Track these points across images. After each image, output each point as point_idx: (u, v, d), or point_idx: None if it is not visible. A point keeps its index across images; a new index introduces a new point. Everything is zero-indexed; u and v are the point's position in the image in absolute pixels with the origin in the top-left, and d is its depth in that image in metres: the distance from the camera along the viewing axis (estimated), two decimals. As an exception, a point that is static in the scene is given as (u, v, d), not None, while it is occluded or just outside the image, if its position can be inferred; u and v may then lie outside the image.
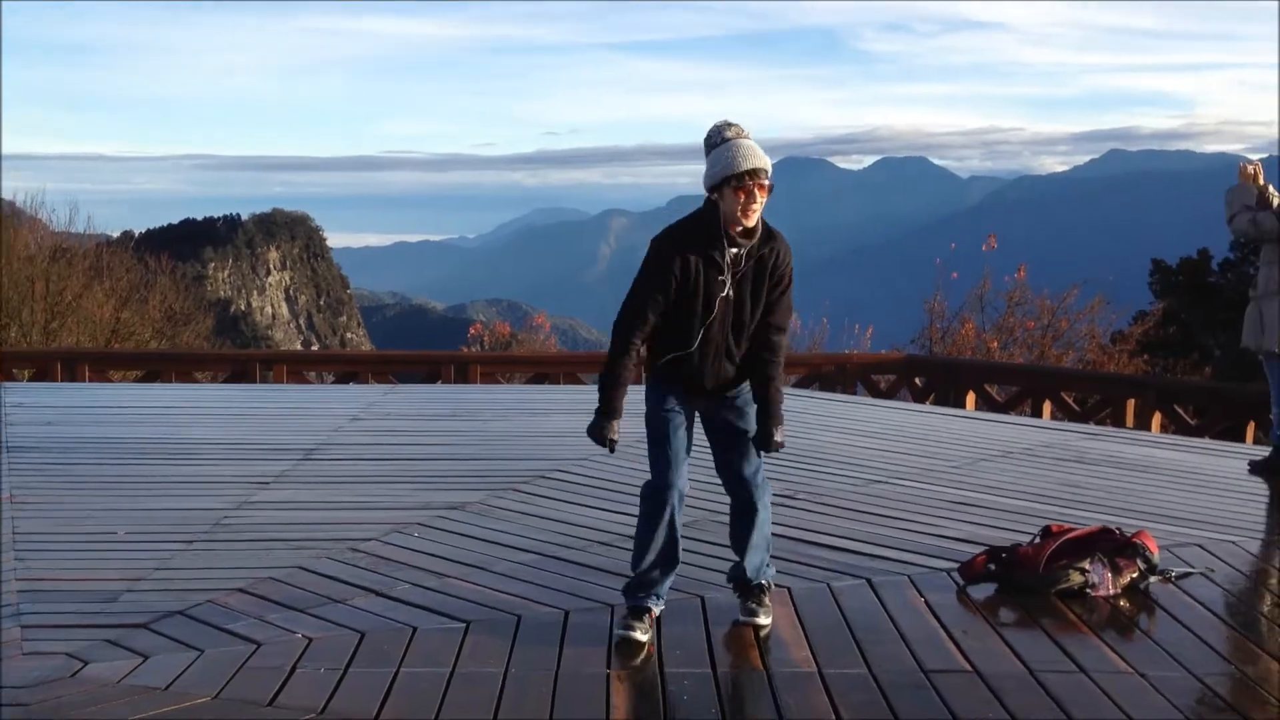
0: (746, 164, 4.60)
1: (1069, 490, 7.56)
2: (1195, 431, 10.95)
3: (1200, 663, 4.63)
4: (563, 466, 7.95)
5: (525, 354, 22.04)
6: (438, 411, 10.68)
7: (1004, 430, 9.83)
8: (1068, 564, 5.40)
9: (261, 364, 14.25)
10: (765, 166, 4.64)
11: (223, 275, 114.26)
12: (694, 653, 4.64)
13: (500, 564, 5.76)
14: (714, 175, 4.65)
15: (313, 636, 4.74)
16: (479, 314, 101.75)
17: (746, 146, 4.64)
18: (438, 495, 7.16)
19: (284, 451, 8.50)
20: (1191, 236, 31.79)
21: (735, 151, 4.63)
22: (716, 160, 4.66)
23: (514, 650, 4.63)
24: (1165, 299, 28.48)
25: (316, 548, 5.99)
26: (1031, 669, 4.52)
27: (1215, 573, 5.75)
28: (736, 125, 4.74)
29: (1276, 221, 7.78)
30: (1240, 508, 7.24)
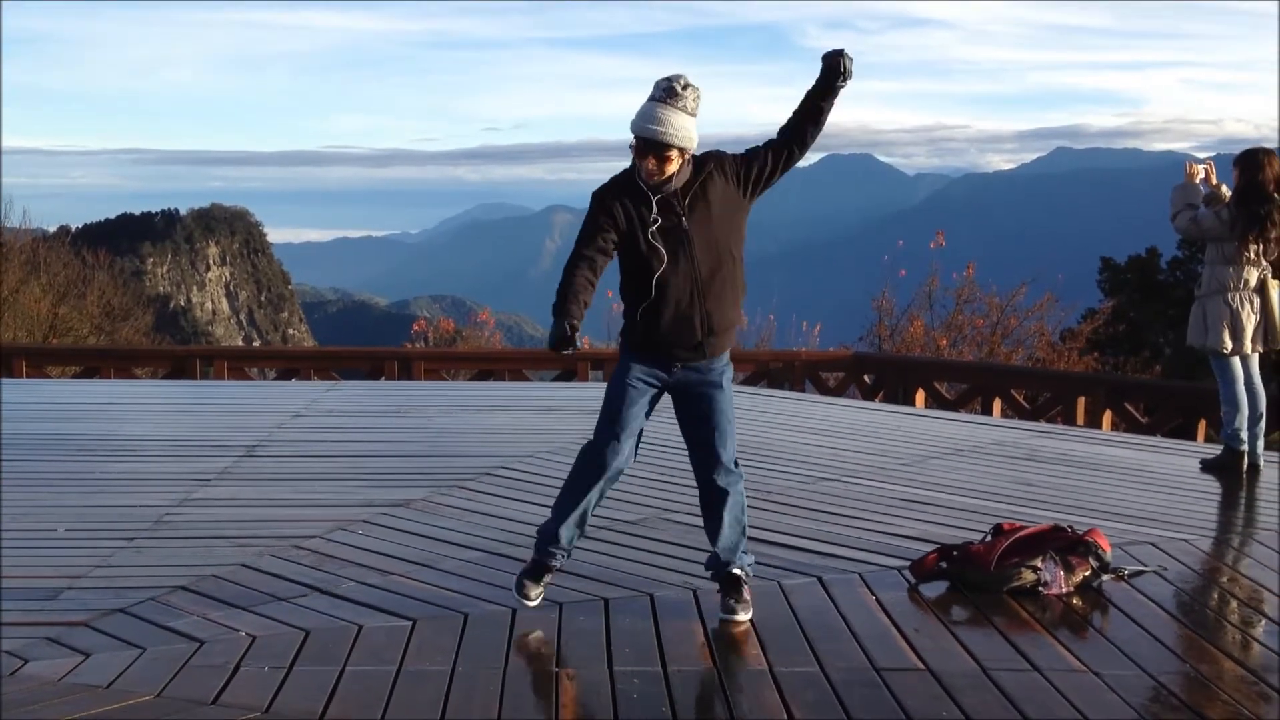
0: (643, 133, 4.60)
1: (1021, 488, 7.57)
2: (1146, 429, 11.03)
3: (1154, 660, 4.62)
4: (508, 464, 7.86)
5: (469, 350, 21.88)
6: (381, 408, 10.55)
7: (955, 428, 9.84)
8: (1019, 562, 5.39)
9: (202, 360, 14.03)
10: (664, 140, 4.58)
11: (161, 271, 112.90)
12: (644, 651, 4.58)
13: (446, 561, 5.68)
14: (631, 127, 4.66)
15: (256, 634, 4.65)
16: (422, 310, 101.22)
17: (655, 113, 4.59)
18: (382, 492, 7.05)
19: (225, 448, 8.35)
20: (1139, 235, 32.19)
21: (641, 115, 4.62)
22: (636, 112, 4.65)
23: (461, 648, 4.56)
24: (1114, 297, 28.75)
25: (259, 545, 5.89)
26: (985, 667, 4.49)
27: (1168, 570, 5.76)
28: (685, 85, 4.64)
29: (1216, 221, 7.84)
30: (1192, 506, 7.27)
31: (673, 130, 4.59)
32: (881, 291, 22.15)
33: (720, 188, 4.76)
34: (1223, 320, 7.82)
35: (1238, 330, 7.79)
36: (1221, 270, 7.85)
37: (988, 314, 21.79)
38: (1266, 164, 7.74)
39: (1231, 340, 7.81)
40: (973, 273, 22.54)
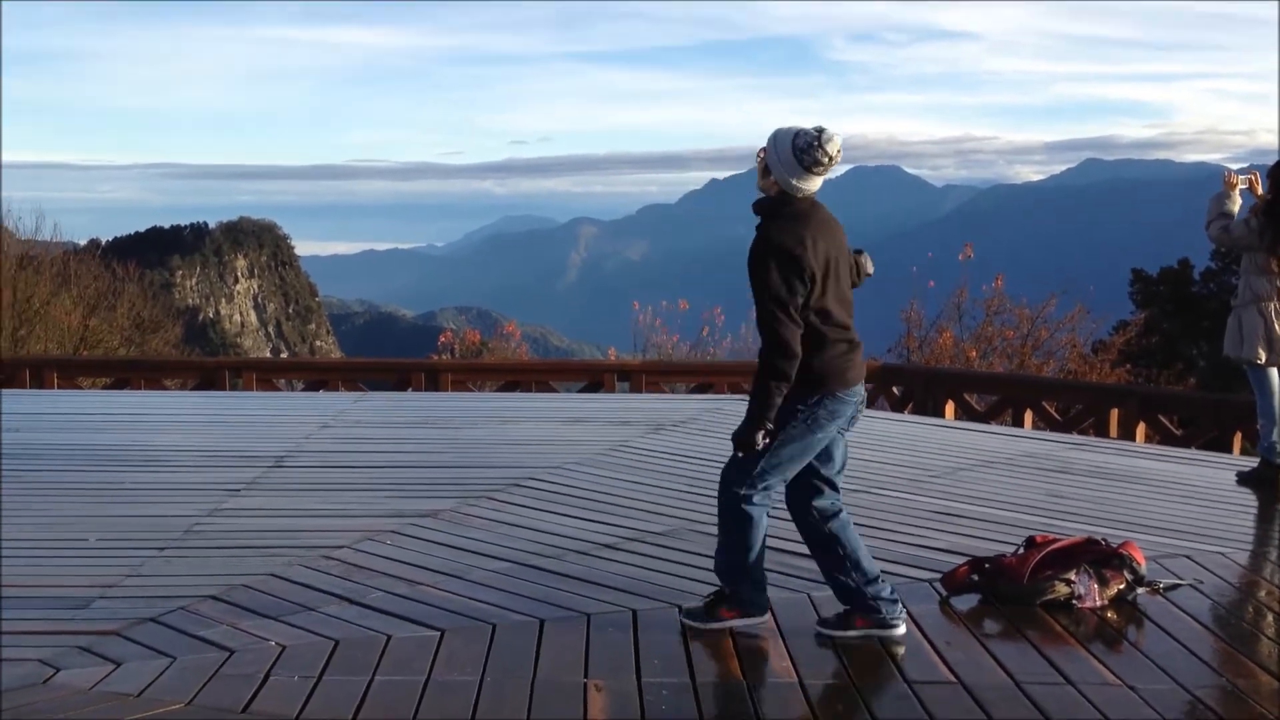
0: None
1: (1053, 500, 7.50)
2: (1181, 442, 10.92)
3: (1190, 675, 4.56)
4: (536, 475, 7.85)
5: (496, 362, 21.93)
6: (409, 419, 10.56)
7: (985, 440, 9.77)
8: (1053, 575, 5.33)
9: (231, 371, 14.08)
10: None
11: (190, 283, 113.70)
12: (672, 662, 4.56)
13: (474, 572, 5.66)
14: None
15: (286, 644, 4.65)
16: (449, 322, 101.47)
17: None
18: (410, 503, 7.05)
19: (254, 459, 8.36)
20: (1172, 246, 31.99)
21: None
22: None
23: (489, 658, 4.55)
24: (1146, 308, 28.55)
25: (289, 555, 5.89)
26: (1017, 680, 4.45)
27: (1204, 584, 5.68)
28: (821, 132, 4.68)
29: (1246, 230, 7.77)
30: (1228, 519, 7.18)
31: (773, 136, 4.72)
32: (910, 303, 22.08)
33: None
34: (1257, 331, 7.74)
35: (1272, 341, 7.70)
36: (1256, 280, 7.77)
37: (1018, 325, 21.67)
38: None
39: (1266, 351, 7.73)
40: (1002, 284, 22.44)
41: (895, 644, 4.77)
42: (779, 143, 4.67)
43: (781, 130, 4.69)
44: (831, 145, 4.63)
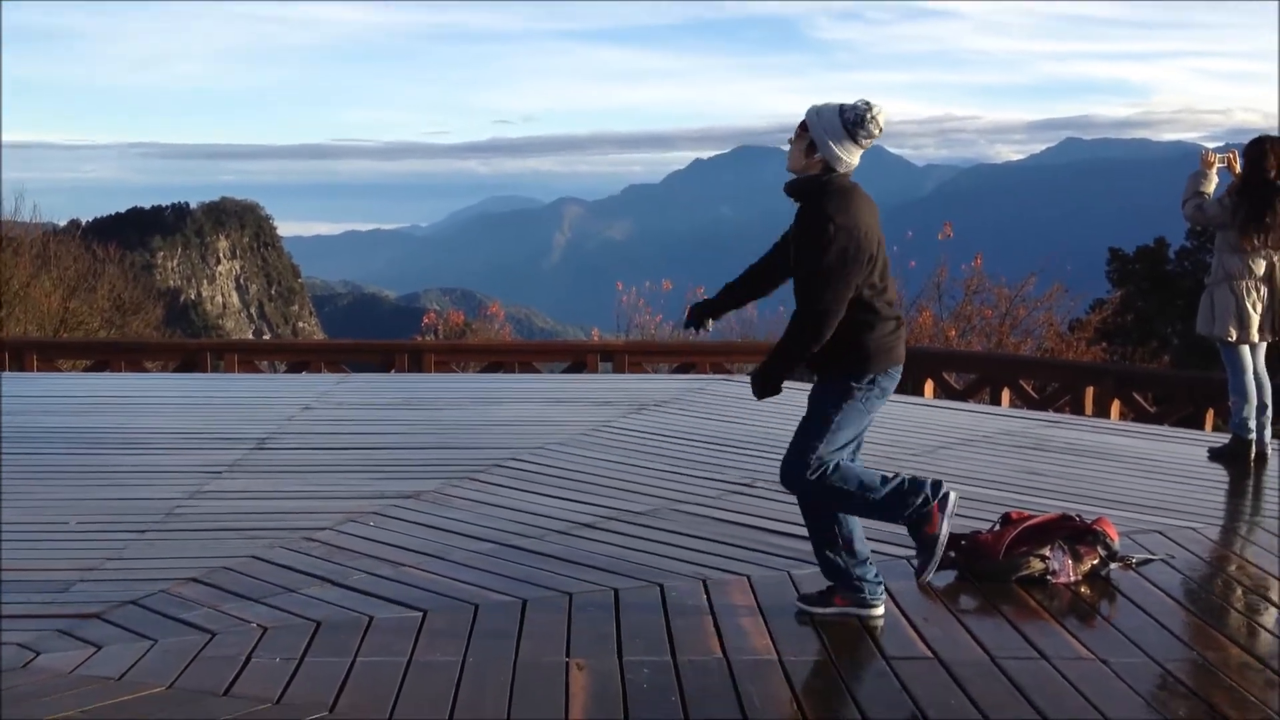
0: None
1: (1029, 477, 7.58)
2: (1154, 419, 11.01)
3: (1161, 648, 4.63)
4: (519, 455, 7.88)
5: (480, 343, 21.92)
6: (392, 400, 10.58)
7: (964, 418, 9.84)
8: (1028, 551, 5.40)
9: (212, 353, 14.08)
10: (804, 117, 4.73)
11: (171, 264, 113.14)
12: (654, 641, 4.60)
13: (457, 553, 5.70)
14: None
15: (267, 626, 4.68)
16: (432, 303, 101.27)
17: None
18: (392, 484, 7.08)
19: (236, 441, 8.37)
20: (1148, 225, 32.14)
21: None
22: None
23: (471, 639, 4.58)
24: (1123, 287, 28.73)
25: (270, 537, 5.91)
26: (993, 656, 4.51)
27: (1175, 559, 5.76)
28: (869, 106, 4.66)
29: (1219, 209, 7.85)
30: (1200, 494, 7.27)
31: (812, 114, 4.66)
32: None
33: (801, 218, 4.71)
34: (1229, 309, 7.82)
35: (1244, 319, 7.78)
36: (1229, 259, 7.85)
37: (996, 304, 21.78)
38: (1270, 152, 7.73)
39: (1237, 329, 7.81)
40: (981, 263, 22.54)
41: (874, 621, 4.82)
42: (825, 118, 4.63)
43: (824, 106, 4.66)
44: (882, 117, 4.65)
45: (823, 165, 4.64)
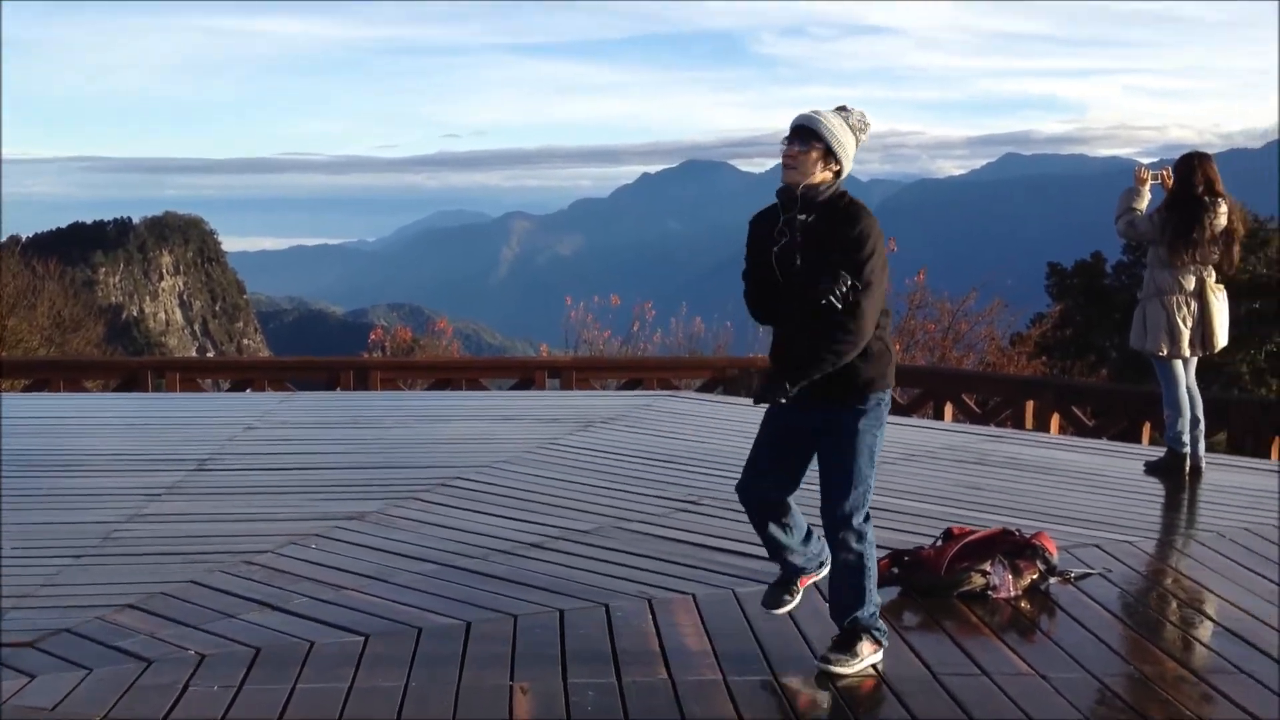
0: (794, 122, 4.49)
1: (970, 492, 7.65)
2: (1093, 432, 11.15)
3: (1099, 663, 4.68)
4: (465, 474, 7.85)
5: (426, 360, 21.82)
6: (337, 419, 10.51)
7: (907, 433, 9.91)
8: (969, 566, 5.45)
9: (153, 371, 13.91)
10: (811, 125, 4.42)
11: (113, 280, 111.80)
12: (599, 662, 4.59)
13: (400, 575, 5.66)
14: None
15: (205, 653, 4.61)
16: (380, 318, 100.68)
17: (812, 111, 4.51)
18: (336, 505, 7.03)
19: (176, 462, 8.28)
20: (1086, 240, 32.58)
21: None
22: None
23: (414, 663, 4.54)
24: (1061, 301, 29.07)
25: (209, 561, 5.84)
26: (934, 672, 4.54)
27: (1113, 573, 5.83)
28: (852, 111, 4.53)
29: (1149, 225, 7.97)
30: (1137, 508, 7.37)
31: (824, 122, 4.42)
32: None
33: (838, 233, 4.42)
34: (1160, 324, 7.94)
35: (1175, 333, 7.90)
36: (1159, 274, 7.97)
37: (939, 319, 21.97)
38: (1198, 168, 7.87)
39: (1169, 344, 7.93)
40: (924, 278, 22.72)
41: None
42: (838, 125, 4.45)
43: (827, 113, 4.46)
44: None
45: (834, 175, 4.47)
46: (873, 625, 4.60)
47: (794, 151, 4.42)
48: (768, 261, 4.48)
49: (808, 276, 4.38)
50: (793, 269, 4.43)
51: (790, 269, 4.44)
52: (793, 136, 4.45)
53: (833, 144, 4.42)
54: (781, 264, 4.46)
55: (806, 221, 4.42)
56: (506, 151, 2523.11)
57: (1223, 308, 7.94)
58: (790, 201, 4.46)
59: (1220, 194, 7.84)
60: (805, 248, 4.41)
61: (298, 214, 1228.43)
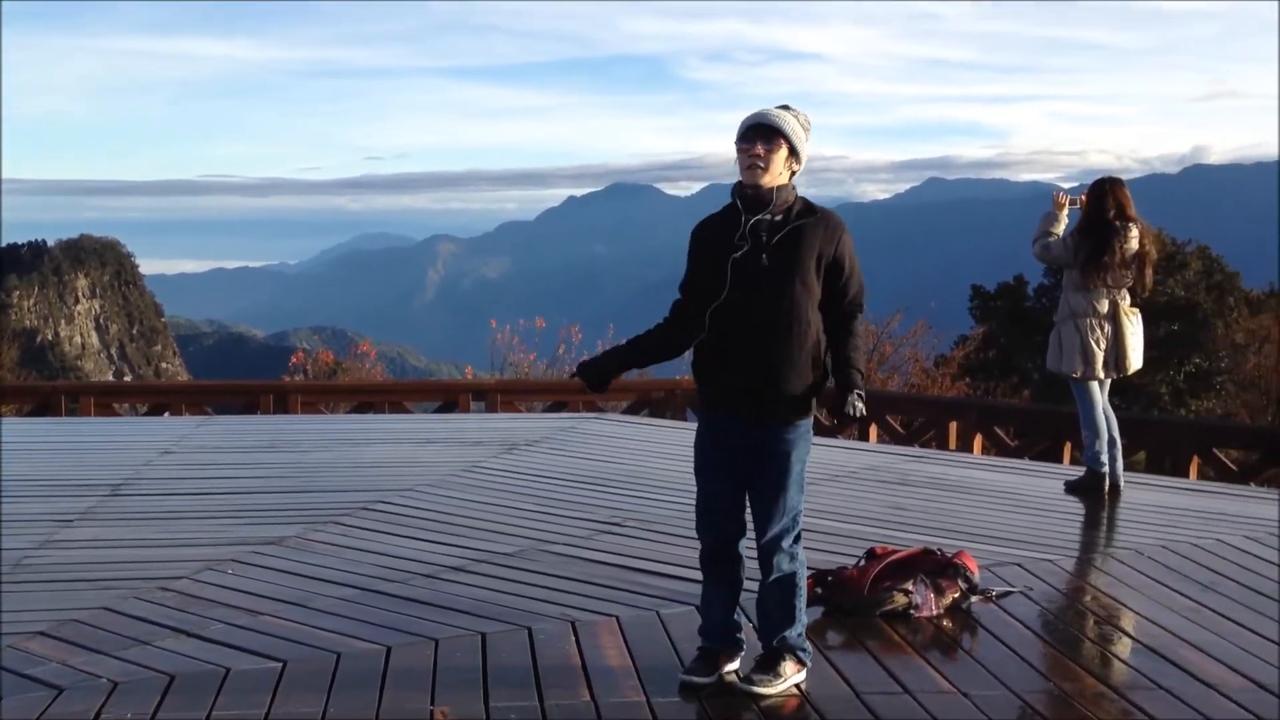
0: (750, 120, 4.34)
1: (893, 512, 7.69)
2: (1014, 452, 11.30)
3: (1020, 680, 4.71)
4: (386, 498, 7.76)
5: (348, 383, 21.61)
6: (255, 443, 10.35)
7: (831, 454, 9.96)
8: (891, 586, 5.47)
9: (68, 396, 13.63)
10: (774, 123, 4.31)
11: (28, 304, 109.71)
12: (521, 685, 4.54)
13: (319, 600, 5.57)
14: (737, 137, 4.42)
15: (119, 680, 4.51)
16: (302, 342, 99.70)
17: (758, 110, 4.37)
18: (253, 530, 6.91)
19: (90, 487, 8.10)
20: (1008, 263, 33.11)
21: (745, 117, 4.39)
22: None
23: (333, 689, 4.46)
24: (985, 323, 29.50)
25: (123, 587, 5.71)
26: (858, 691, 4.54)
27: (1034, 591, 5.89)
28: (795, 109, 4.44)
29: (1062, 249, 8.11)
30: (1057, 527, 7.46)
31: (785, 119, 4.33)
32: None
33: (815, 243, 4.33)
34: (1074, 346, 8.06)
35: (1089, 355, 8.02)
36: (1073, 297, 8.11)
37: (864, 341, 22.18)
38: (1109, 193, 8.01)
39: (1083, 365, 8.05)
40: (849, 300, 22.92)
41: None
42: (797, 125, 4.37)
43: (783, 111, 4.37)
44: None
45: (791, 175, 4.39)
46: (799, 645, 4.56)
47: (761, 151, 4.28)
48: (722, 269, 4.29)
49: (775, 281, 4.26)
50: (756, 276, 4.26)
51: (751, 276, 4.27)
52: (753, 135, 4.31)
53: (796, 142, 4.34)
54: (740, 272, 4.28)
55: (774, 223, 4.30)
56: (431, 174, 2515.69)
57: (1136, 330, 8.07)
58: (756, 204, 4.32)
59: (1131, 218, 7.98)
60: (774, 250, 4.27)
61: (218, 236, 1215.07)
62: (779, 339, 4.29)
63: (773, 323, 4.29)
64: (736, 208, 4.37)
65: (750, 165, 4.30)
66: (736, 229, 4.33)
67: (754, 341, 4.30)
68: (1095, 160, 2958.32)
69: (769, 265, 4.26)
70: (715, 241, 4.37)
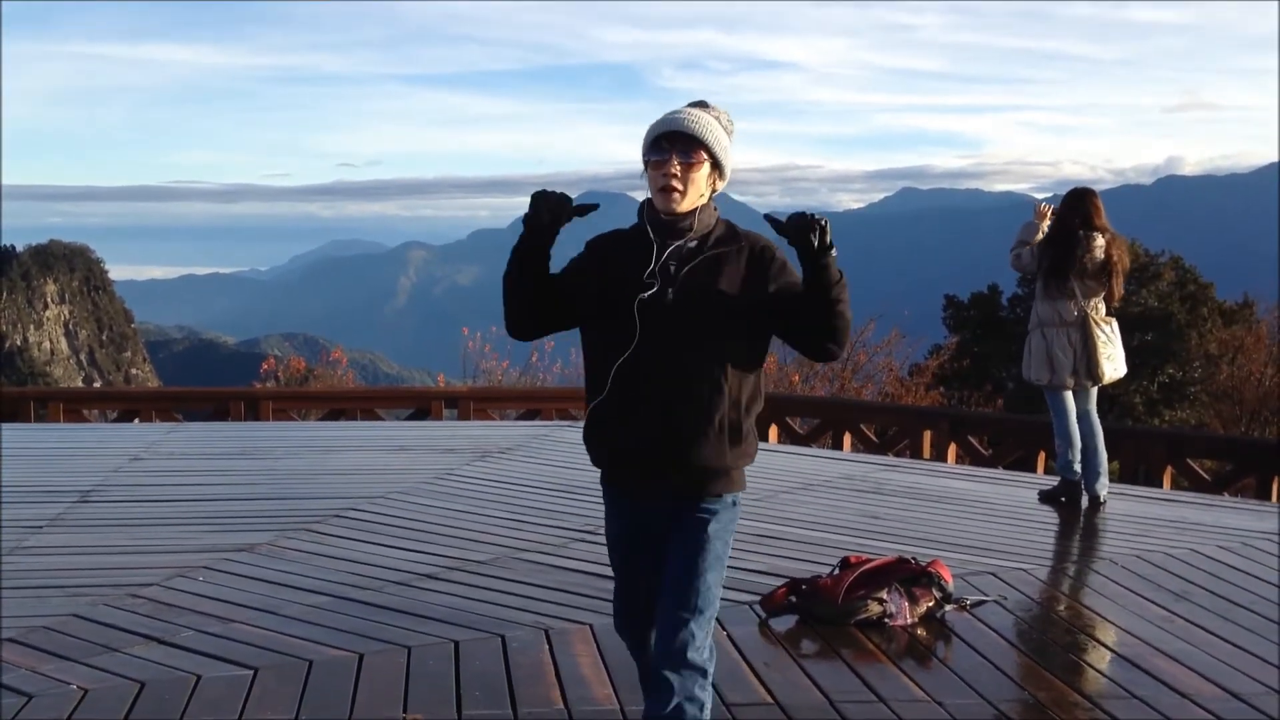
0: (663, 128, 3.41)
1: (867, 521, 7.69)
2: (988, 461, 11.32)
3: (994, 689, 4.72)
4: (358, 505, 7.72)
5: (319, 390, 21.50)
6: (226, 450, 10.27)
7: (805, 462, 9.97)
8: (866, 594, 5.47)
9: (36, 402, 13.51)
10: (692, 130, 3.38)
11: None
12: (494, 693, 4.52)
13: (290, 607, 5.53)
14: (641, 160, 3.48)
15: (89, 687, 4.46)
16: (273, 348, 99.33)
17: (678, 111, 3.46)
18: (224, 537, 6.85)
19: (59, 494, 8.03)
20: (982, 272, 33.31)
21: (658, 121, 3.45)
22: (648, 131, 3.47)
23: (304, 696, 4.44)
24: (958, 333, 29.64)
25: (93, 594, 5.66)
26: (832, 700, 4.54)
27: (1007, 600, 5.89)
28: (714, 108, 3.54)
29: (1031, 258, 8.15)
30: (1030, 536, 7.47)
31: (708, 126, 3.41)
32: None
33: (737, 276, 3.43)
34: (1041, 354, 8.10)
35: (1055, 364, 8.06)
36: (1041, 306, 8.15)
37: (838, 350, 22.23)
38: (1076, 203, 8.05)
39: (1049, 373, 8.08)
40: (824, 310, 22.98)
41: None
42: (720, 132, 3.47)
43: (701, 114, 3.46)
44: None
45: (714, 191, 3.51)
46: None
47: (678, 167, 3.38)
48: (628, 313, 3.36)
49: (680, 325, 3.36)
50: (662, 318, 3.37)
51: (658, 319, 3.37)
52: (667, 146, 3.39)
53: (720, 153, 3.45)
54: (649, 315, 3.37)
55: (686, 251, 3.42)
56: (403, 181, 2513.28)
57: (1110, 339, 8.09)
58: (670, 228, 3.43)
59: (1099, 228, 7.99)
60: (683, 285, 3.38)
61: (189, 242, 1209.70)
62: (684, 400, 3.37)
63: (676, 379, 3.37)
64: (646, 233, 3.45)
65: (663, 186, 3.38)
66: (646, 260, 3.41)
67: (656, 403, 3.38)
68: (1069, 171, 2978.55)
69: (673, 303, 3.36)
70: (619, 275, 3.42)
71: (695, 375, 3.37)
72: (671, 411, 3.37)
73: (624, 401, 3.40)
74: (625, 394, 3.39)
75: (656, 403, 3.37)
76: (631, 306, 3.35)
